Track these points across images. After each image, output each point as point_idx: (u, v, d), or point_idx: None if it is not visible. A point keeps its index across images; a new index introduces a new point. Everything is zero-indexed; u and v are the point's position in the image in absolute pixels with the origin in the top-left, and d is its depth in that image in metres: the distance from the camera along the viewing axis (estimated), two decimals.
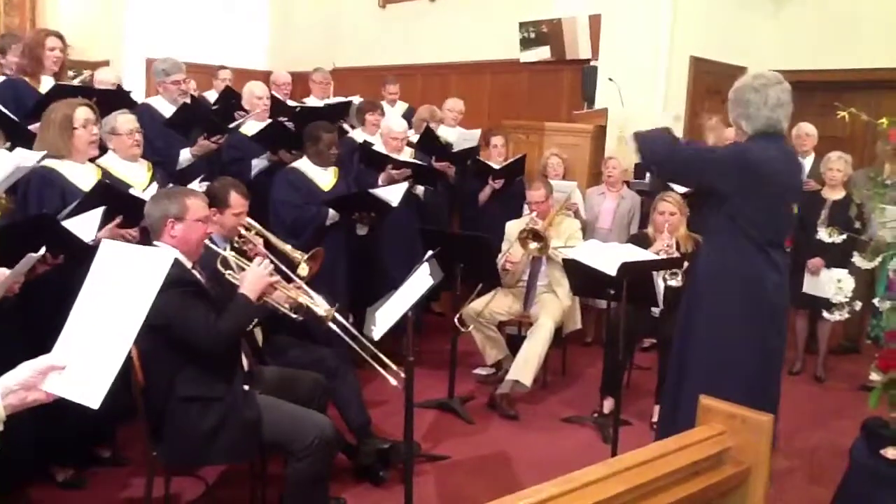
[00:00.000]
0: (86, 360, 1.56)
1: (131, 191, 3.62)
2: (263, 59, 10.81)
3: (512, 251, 4.97)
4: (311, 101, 6.74)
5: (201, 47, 9.11)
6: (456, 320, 4.74)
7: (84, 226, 3.05)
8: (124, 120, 3.92)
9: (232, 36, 10.39)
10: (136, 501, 3.38)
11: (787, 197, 3.13)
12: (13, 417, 1.52)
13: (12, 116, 4.00)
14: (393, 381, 3.05)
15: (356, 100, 6.38)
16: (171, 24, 9.66)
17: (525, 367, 4.62)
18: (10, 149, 3.28)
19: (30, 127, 3.91)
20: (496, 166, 5.98)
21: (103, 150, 3.91)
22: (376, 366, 3.16)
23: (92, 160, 3.69)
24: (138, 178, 3.90)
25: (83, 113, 3.53)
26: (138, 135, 3.92)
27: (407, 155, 5.51)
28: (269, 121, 5.33)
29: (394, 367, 3.11)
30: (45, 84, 4.54)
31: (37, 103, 4.14)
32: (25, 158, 3.10)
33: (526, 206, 5.32)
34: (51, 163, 3.46)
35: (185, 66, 5.26)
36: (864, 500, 2.82)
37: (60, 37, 4.66)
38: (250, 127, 5.31)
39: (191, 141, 4.82)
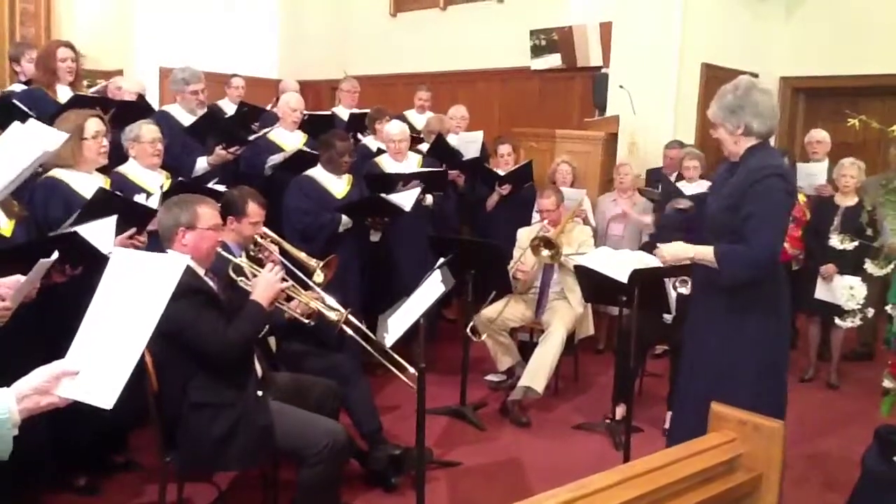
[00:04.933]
0: (99, 363, 1.58)
1: (136, 197, 3.67)
2: (274, 68, 10.86)
3: (524, 259, 4.98)
4: (339, 111, 6.79)
5: (212, 56, 9.16)
6: (469, 330, 4.75)
7: (101, 236, 3.07)
8: (148, 129, 4.03)
9: (242, 44, 10.45)
10: None
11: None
12: (29, 423, 1.55)
13: (31, 114, 4.05)
14: (409, 383, 3.06)
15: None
16: (183, 33, 9.74)
17: (537, 374, 4.62)
18: None
19: None
20: (502, 173, 5.99)
21: (120, 160, 3.96)
22: (391, 367, 3.18)
23: (104, 171, 3.73)
24: (155, 186, 3.96)
25: (94, 125, 3.56)
26: (160, 145, 4.02)
27: (413, 161, 5.51)
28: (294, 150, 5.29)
29: (410, 368, 3.11)
30: (62, 93, 4.61)
31: (55, 113, 4.19)
32: (51, 142, 3.08)
33: (536, 214, 5.33)
34: (56, 172, 3.49)
35: (203, 76, 5.32)
36: None
37: (71, 46, 4.73)
38: (279, 135, 5.38)
39: (207, 149, 4.87)
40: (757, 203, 2.84)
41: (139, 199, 3.67)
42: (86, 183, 3.52)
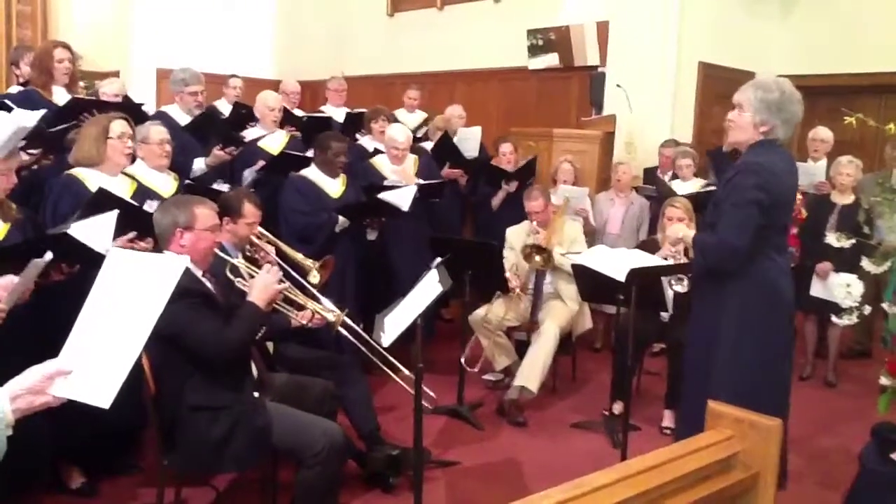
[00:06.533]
0: (95, 362, 1.58)
1: (150, 202, 3.67)
2: (272, 68, 10.86)
3: (517, 268, 4.98)
4: (328, 109, 6.78)
5: (210, 56, 9.14)
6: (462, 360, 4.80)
7: (99, 233, 3.06)
8: (156, 131, 4.03)
9: (240, 45, 10.45)
10: None
11: (790, 199, 3.14)
12: (26, 420, 1.54)
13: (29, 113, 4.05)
14: (404, 385, 3.07)
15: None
16: (181, 33, 9.73)
17: (531, 373, 4.62)
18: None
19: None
20: (509, 170, 6.00)
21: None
22: (386, 370, 3.18)
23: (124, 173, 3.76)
24: (165, 187, 3.96)
25: (119, 126, 3.64)
26: (168, 146, 4.02)
27: (410, 163, 5.51)
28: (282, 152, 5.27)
29: (405, 370, 3.12)
30: (57, 94, 4.60)
31: (52, 115, 4.18)
32: (25, 119, 3.10)
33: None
34: (77, 171, 3.56)
35: (203, 78, 5.31)
36: None
37: (68, 48, 4.72)
38: (267, 141, 5.35)
39: (206, 150, 4.87)
40: (727, 199, 3.02)
41: (153, 204, 3.66)
42: (109, 183, 3.53)
